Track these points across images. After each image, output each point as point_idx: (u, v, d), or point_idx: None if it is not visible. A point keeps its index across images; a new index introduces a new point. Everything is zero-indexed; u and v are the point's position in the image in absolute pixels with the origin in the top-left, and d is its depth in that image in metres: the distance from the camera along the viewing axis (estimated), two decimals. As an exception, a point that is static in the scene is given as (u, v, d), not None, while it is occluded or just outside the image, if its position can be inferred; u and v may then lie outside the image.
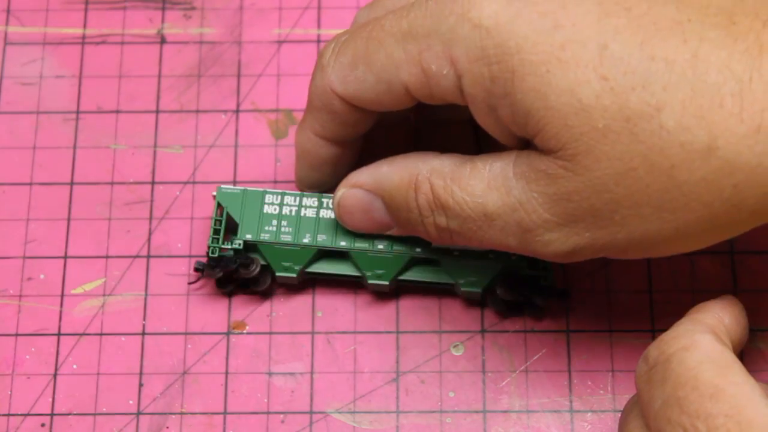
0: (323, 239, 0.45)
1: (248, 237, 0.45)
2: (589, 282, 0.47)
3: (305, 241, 0.45)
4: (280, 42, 0.51)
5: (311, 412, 0.45)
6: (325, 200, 0.45)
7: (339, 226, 0.45)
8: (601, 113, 0.36)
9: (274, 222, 0.45)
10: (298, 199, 0.45)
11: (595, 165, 0.37)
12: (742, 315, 0.40)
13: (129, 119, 0.50)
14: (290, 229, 0.45)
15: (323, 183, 0.45)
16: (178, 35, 0.51)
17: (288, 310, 0.47)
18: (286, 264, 0.45)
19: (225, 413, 0.45)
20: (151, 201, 0.49)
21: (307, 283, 0.47)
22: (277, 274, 0.45)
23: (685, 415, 0.35)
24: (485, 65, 0.38)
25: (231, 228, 0.46)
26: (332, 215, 0.45)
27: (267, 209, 0.45)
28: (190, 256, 0.48)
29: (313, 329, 0.46)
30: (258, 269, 0.45)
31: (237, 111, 0.50)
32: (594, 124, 0.36)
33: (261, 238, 0.45)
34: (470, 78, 0.38)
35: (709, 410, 0.35)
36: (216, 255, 0.45)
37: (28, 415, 0.45)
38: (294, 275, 0.45)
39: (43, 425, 0.45)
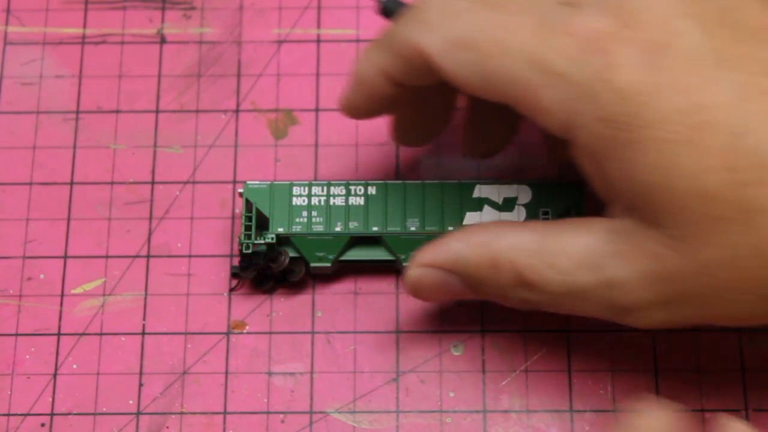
0: (355, 226, 0.45)
1: (280, 230, 0.45)
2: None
3: (337, 229, 0.45)
4: (280, 42, 0.51)
5: (311, 412, 0.45)
6: (352, 187, 0.46)
7: (370, 212, 0.45)
8: (722, 203, 0.36)
9: (305, 213, 0.45)
10: (325, 188, 0.46)
11: (704, 249, 0.36)
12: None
13: (129, 119, 0.50)
14: (321, 218, 0.45)
15: (368, 112, 0.43)
16: (178, 35, 0.51)
17: (288, 310, 0.47)
18: (320, 254, 0.45)
19: (225, 413, 0.45)
20: (151, 201, 0.49)
21: (329, 277, 0.47)
22: (312, 264, 0.45)
23: None
24: (611, 129, 0.36)
25: (260, 223, 0.46)
26: (361, 202, 0.45)
27: (296, 201, 0.46)
28: (190, 256, 0.48)
29: (313, 329, 0.46)
30: (287, 260, 0.45)
31: (237, 111, 0.50)
32: (712, 212, 0.36)
33: (293, 230, 0.45)
34: (588, 134, 0.37)
35: None
36: (249, 251, 0.45)
37: (28, 415, 0.45)
38: (328, 264, 0.45)
39: (43, 425, 0.45)
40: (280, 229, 0.45)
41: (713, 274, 0.37)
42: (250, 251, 0.45)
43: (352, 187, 0.46)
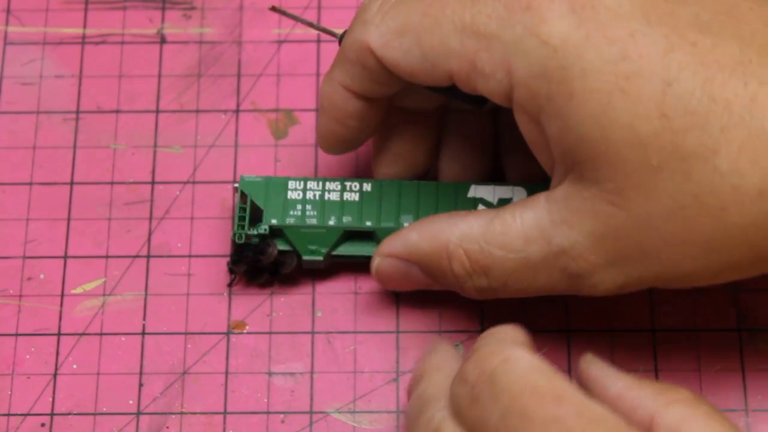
0: (348, 221, 0.45)
1: (273, 222, 0.45)
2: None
3: (330, 223, 0.45)
4: (280, 42, 0.51)
5: (311, 412, 0.45)
6: (348, 183, 0.46)
7: (364, 208, 0.45)
8: (657, 150, 0.36)
9: (299, 206, 0.45)
10: (320, 183, 0.46)
11: (645, 201, 0.37)
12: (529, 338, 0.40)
13: (129, 119, 0.50)
14: (315, 212, 0.45)
15: (346, 139, 0.44)
16: (178, 35, 0.51)
17: (288, 310, 0.47)
18: (313, 247, 0.45)
19: (225, 413, 0.45)
20: (151, 201, 0.49)
21: (323, 272, 0.47)
22: (304, 257, 0.45)
23: (532, 423, 0.34)
24: (545, 83, 0.37)
25: (255, 218, 0.46)
26: (356, 198, 0.45)
27: (291, 195, 0.45)
28: (190, 256, 0.48)
29: (313, 329, 0.46)
30: (275, 252, 0.45)
31: (237, 111, 0.50)
32: (649, 160, 0.36)
33: (286, 222, 0.45)
34: (525, 91, 0.38)
35: (558, 413, 0.34)
36: (242, 241, 0.45)
37: (28, 415, 0.45)
38: (320, 258, 0.45)
39: (43, 425, 0.45)
40: (274, 221, 0.45)
41: (656, 226, 0.37)
42: (242, 241, 0.45)
43: (348, 183, 0.46)
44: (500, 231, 0.40)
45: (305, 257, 0.45)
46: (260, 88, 0.50)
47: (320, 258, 0.45)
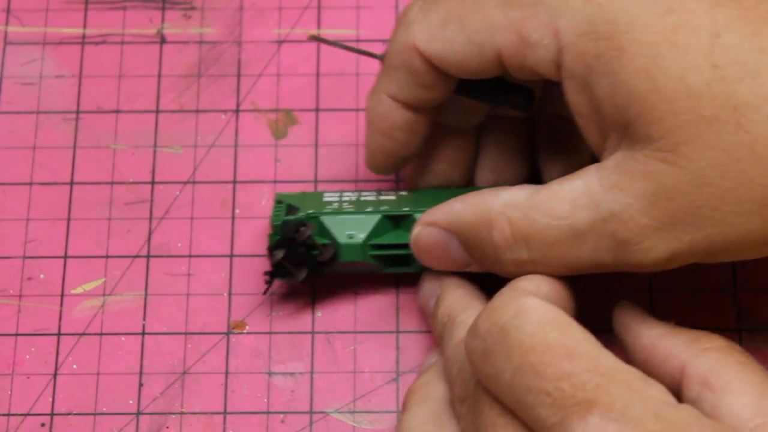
0: (386, 208, 0.44)
1: (310, 211, 0.44)
2: (588, 281, 0.47)
3: (368, 209, 0.45)
4: (280, 42, 0.51)
5: (311, 412, 0.45)
6: (383, 197, 0.45)
7: (401, 203, 0.45)
8: (709, 101, 0.36)
9: (336, 205, 0.45)
10: (356, 194, 0.46)
11: (698, 155, 0.36)
12: (562, 285, 0.39)
13: (129, 119, 0.50)
14: (352, 207, 0.45)
15: (394, 154, 0.44)
16: (178, 35, 0.51)
17: (288, 310, 0.47)
18: (351, 233, 0.44)
19: (225, 413, 0.45)
20: (151, 201, 0.49)
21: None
22: (341, 243, 0.44)
23: (544, 380, 0.34)
24: (592, 40, 0.37)
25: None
26: (393, 197, 0.45)
27: (327, 198, 0.45)
28: (190, 256, 0.48)
29: (313, 329, 0.46)
30: (310, 231, 0.44)
31: (237, 111, 0.50)
32: (701, 111, 0.36)
33: (324, 210, 0.44)
34: (573, 52, 0.37)
35: (569, 369, 0.33)
36: (279, 222, 0.44)
37: (28, 415, 0.45)
38: (359, 243, 0.44)
39: (43, 425, 0.45)
40: (311, 211, 0.44)
41: (711, 182, 0.36)
42: (279, 222, 0.44)
43: (383, 197, 0.45)
44: (546, 198, 0.39)
45: (343, 242, 0.44)
46: (260, 88, 0.50)
47: (359, 243, 0.44)
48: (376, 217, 0.44)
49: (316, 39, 0.46)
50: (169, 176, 0.49)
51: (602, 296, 0.46)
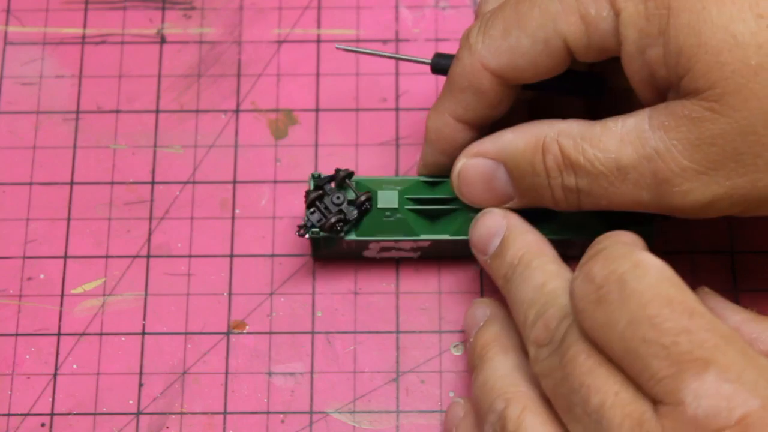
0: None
1: (346, 170, 0.45)
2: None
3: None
4: (280, 42, 0.51)
5: (311, 412, 0.45)
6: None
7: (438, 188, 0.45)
8: (755, 50, 0.37)
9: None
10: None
11: (744, 105, 0.37)
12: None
13: (129, 119, 0.50)
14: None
15: (447, 167, 0.45)
16: (178, 35, 0.51)
17: (288, 310, 0.47)
18: (388, 185, 0.45)
19: (225, 413, 0.45)
20: (151, 201, 0.49)
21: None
22: (379, 192, 0.45)
23: (662, 333, 0.34)
24: (642, 2, 0.38)
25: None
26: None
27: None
28: (190, 256, 0.48)
29: (313, 329, 0.46)
30: (343, 174, 0.45)
31: (237, 111, 0.50)
32: (747, 61, 0.37)
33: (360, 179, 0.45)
34: (626, 16, 0.39)
35: (688, 326, 0.34)
36: (314, 185, 0.45)
37: (28, 415, 0.45)
38: (395, 191, 0.45)
39: (43, 425, 0.45)
40: (347, 169, 0.45)
41: (755, 131, 0.37)
42: (314, 185, 0.45)
43: None
44: (598, 132, 0.40)
45: (380, 191, 0.45)
46: (260, 88, 0.50)
47: (395, 191, 0.45)
48: (414, 179, 0.45)
49: (346, 49, 0.46)
50: (169, 176, 0.49)
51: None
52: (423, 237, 0.45)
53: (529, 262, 0.40)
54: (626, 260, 0.36)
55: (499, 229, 0.42)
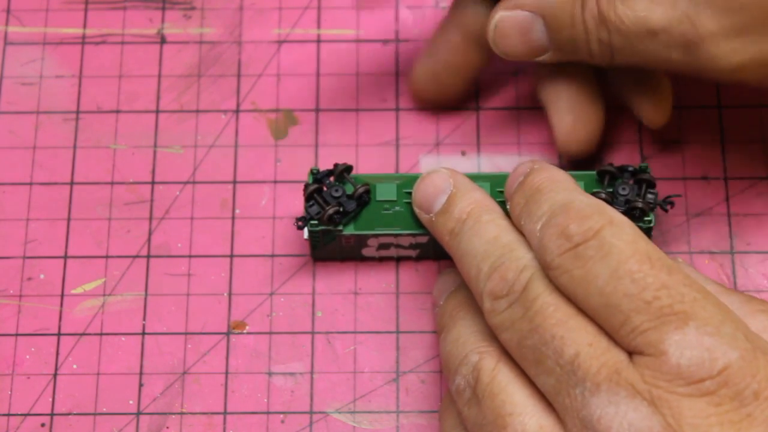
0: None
1: (345, 164, 0.45)
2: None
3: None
4: (280, 42, 0.51)
5: (311, 412, 0.45)
6: None
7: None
8: None
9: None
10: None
11: None
12: None
13: (129, 119, 0.50)
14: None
15: (443, 88, 0.46)
16: (178, 35, 0.51)
17: (288, 310, 0.47)
18: (388, 179, 0.45)
19: (225, 413, 0.45)
20: (151, 201, 0.49)
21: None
22: (377, 186, 0.45)
23: (643, 288, 0.35)
24: None
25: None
26: None
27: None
28: (190, 256, 0.48)
29: (313, 329, 0.46)
30: (342, 168, 0.45)
31: (237, 111, 0.50)
32: None
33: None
34: None
35: (668, 282, 0.35)
36: (316, 172, 0.45)
37: (28, 415, 0.45)
38: (393, 186, 0.45)
39: (43, 425, 0.45)
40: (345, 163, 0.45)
41: None
42: (313, 180, 0.45)
43: None
44: None
45: (379, 184, 0.45)
46: (260, 88, 0.50)
47: (394, 185, 0.45)
48: (412, 175, 0.45)
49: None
50: (169, 176, 0.49)
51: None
52: (422, 231, 0.45)
53: (479, 217, 0.41)
54: (601, 217, 0.36)
55: (446, 187, 0.43)
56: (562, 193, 0.39)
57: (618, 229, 0.36)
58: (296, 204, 0.48)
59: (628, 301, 0.35)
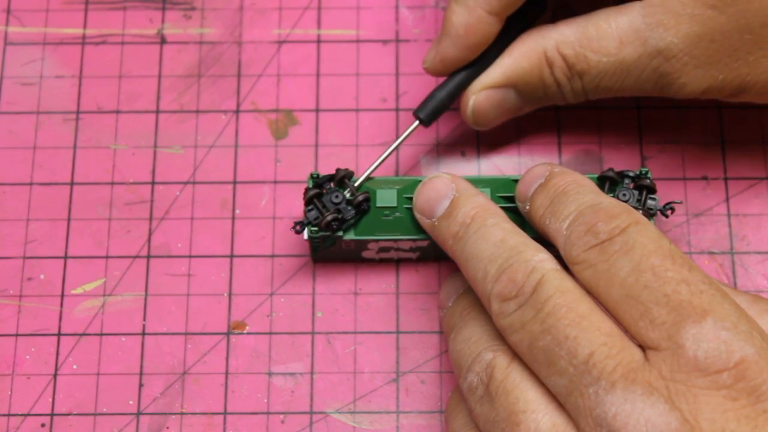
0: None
1: (345, 168, 0.45)
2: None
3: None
4: (280, 42, 0.51)
5: (311, 412, 0.45)
6: None
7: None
8: None
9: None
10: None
11: (747, 6, 0.40)
12: None
13: (129, 119, 0.50)
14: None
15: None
16: (178, 35, 0.51)
17: (288, 310, 0.47)
18: (388, 184, 0.45)
19: (225, 413, 0.45)
20: (151, 201, 0.49)
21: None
22: (378, 191, 0.45)
23: (664, 281, 0.35)
24: None
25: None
26: None
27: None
28: (190, 256, 0.48)
29: (313, 329, 0.46)
30: (342, 174, 0.45)
31: (237, 111, 0.50)
32: None
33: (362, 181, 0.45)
34: None
35: (689, 278, 0.36)
36: (313, 184, 0.45)
37: (28, 415, 0.45)
38: (393, 191, 0.45)
39: (43, 425, 0.45)
40: (346, 168, 0.46)
41: (753, 30, 0.40)
42: (314, 184, 0.45)
43: None
44: (595, 36, 0.42)
45: (379, 190, 0.45)
46: (260, 88, 0.50)
47: (393, 190, 0.45)
48: (412, 178, 0.45)
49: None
50: (169, 176, 0.49)
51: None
52: (422, 236, 0.45)
53: (483, 220, 0.41)
54: (628, 216, 0.38)
55: (449, 191, 0.43)
56: (589, 195, 0.39)
57: (643, 228, 0.37)
58: (296, 204, 0.48)
59: (648, 293, 0.35)
